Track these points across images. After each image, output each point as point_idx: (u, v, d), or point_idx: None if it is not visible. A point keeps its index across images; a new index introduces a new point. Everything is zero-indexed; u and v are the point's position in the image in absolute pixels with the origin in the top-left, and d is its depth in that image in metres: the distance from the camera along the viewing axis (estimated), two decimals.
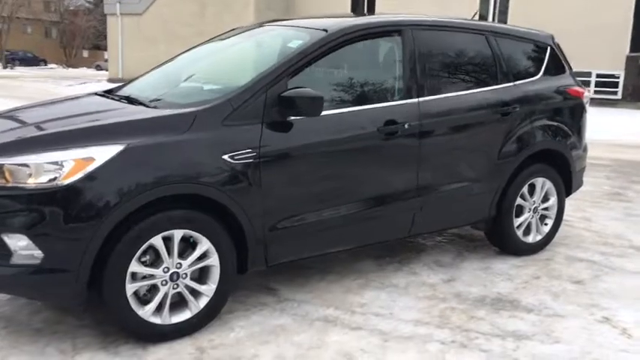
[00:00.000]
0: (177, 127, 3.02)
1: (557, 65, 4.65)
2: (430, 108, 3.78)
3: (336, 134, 3.43)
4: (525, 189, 4.36)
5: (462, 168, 4.01)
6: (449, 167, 3.95)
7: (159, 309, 3.01)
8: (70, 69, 50.35)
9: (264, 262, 3.32)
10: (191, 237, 3.02)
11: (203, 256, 3.09)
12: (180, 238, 2.98)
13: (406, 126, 3.64)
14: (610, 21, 17.00)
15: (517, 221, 4.36)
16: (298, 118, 3.25)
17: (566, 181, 4.62)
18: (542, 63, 4.54)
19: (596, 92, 17.15)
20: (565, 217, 5.55)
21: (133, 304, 2.93)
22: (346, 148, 3.47)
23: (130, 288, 2.90)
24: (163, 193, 2.90)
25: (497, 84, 4.19)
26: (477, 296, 3.73)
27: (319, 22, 3.77)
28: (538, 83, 4.44)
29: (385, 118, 3.58)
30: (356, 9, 23.14)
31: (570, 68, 4.78)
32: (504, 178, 4.20)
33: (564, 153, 4.50)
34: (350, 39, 3.61)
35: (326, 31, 3.55)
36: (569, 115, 4.58)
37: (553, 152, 4.47)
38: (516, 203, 4.33)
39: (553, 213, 4.58)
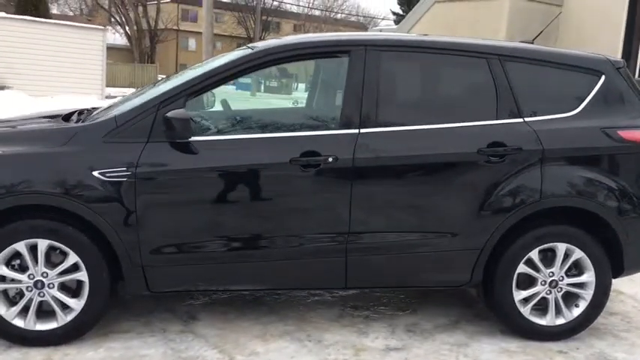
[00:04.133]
0: (56, 140, 3.10)
1: (615, 99, 3.51)
2: (374, 141, 3.21)
3: (233, 161, 3.13)
4: (535, 254, 3.38)
5: (421, 216, 3.30)
6: (400, 213, 3.29)
7: (27, 313, 3.12)
8: None
9: (144, 287, 3.20)
10: (58, 249, 3.07)
11: (75, 269, 3.11)
12: (46, 247, 3.05)
13: (330, 159, 3.15)
14: None
15: (520, 294, 3.41)
16: (197, 139, 3.10)
17: (615, 255, 3.46)
18: (587, 95, 3.46)
19: None
20: None
21: None
22: (243, 177, 3.15)
23: None
24: (24, 201, 3.00)
25: (493, 119, 3.35)
26: None
27: (266, 43, 3.49)
28: (569, 121, 3.41)
29: (303, 149, 3.15)
30: (632, 29, 20.56)
31: None
32: (493, 236, 3.32)
33: (603, 215, 3.37)
34: (276, 59, 3.28)
35: (252, 49, 3.29)
36: (618, 164, 3.43)
37: (584, 213, 3.39)
38: (518, 271, 3.39)
39: (588, 293, 3.45)
